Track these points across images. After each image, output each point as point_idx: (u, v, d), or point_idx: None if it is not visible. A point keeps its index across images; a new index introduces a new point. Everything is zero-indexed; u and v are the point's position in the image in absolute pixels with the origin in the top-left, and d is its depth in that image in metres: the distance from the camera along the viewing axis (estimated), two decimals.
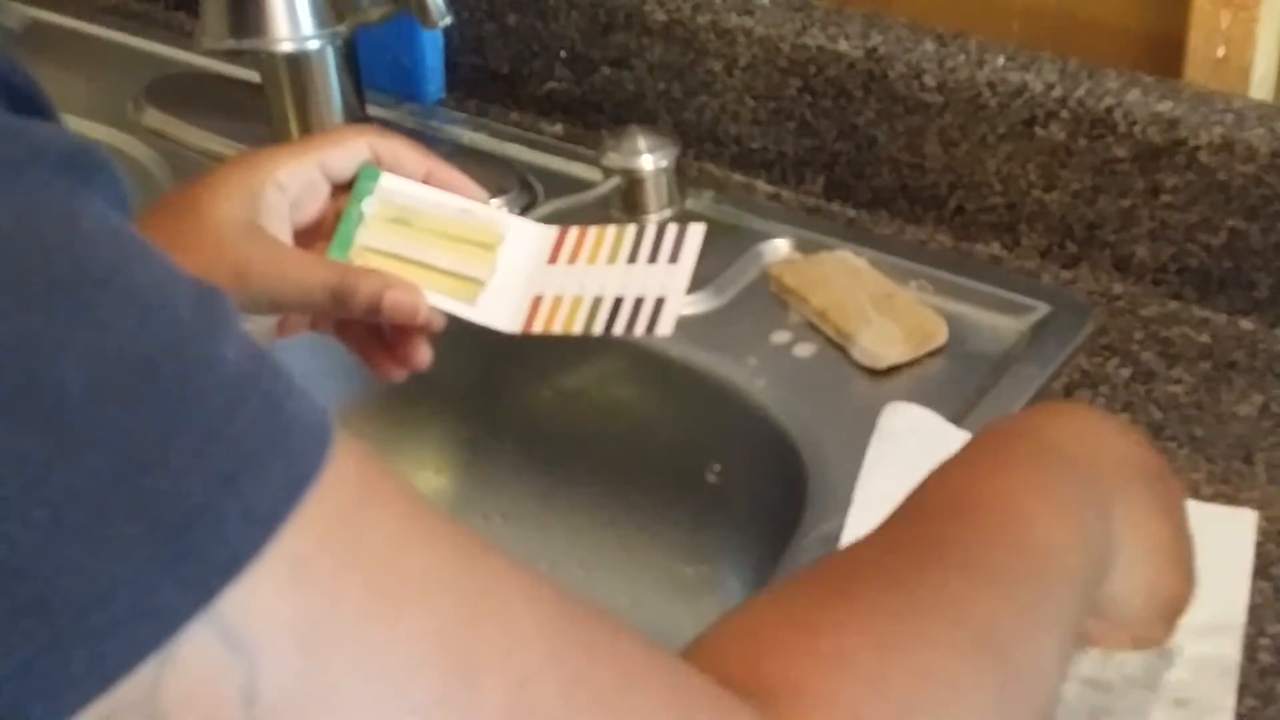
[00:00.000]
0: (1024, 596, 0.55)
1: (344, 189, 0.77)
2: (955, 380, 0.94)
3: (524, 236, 0.77)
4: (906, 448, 0.87)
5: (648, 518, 1.04)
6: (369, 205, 0.76)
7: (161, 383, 0.37)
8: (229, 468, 0.37)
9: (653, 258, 0.75)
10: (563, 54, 1.19)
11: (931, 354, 0.96)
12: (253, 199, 0.74)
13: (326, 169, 0.76)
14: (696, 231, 0.76)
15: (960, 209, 1.06)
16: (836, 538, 0.82)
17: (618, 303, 0.74)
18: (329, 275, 0.73)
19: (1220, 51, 0.98)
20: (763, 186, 1.13)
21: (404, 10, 1.10)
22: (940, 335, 0.96)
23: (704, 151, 1.15)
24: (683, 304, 0.75)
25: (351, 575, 0.40)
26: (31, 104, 0.40)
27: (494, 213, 0.79)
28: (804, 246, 1.05)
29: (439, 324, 0.75)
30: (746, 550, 0.99)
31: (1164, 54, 1.01)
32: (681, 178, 1.09)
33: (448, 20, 1.09)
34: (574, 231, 0.78)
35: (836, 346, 0.97)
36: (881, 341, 0.95)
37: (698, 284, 1.03)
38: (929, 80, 1.03)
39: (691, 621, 1.00)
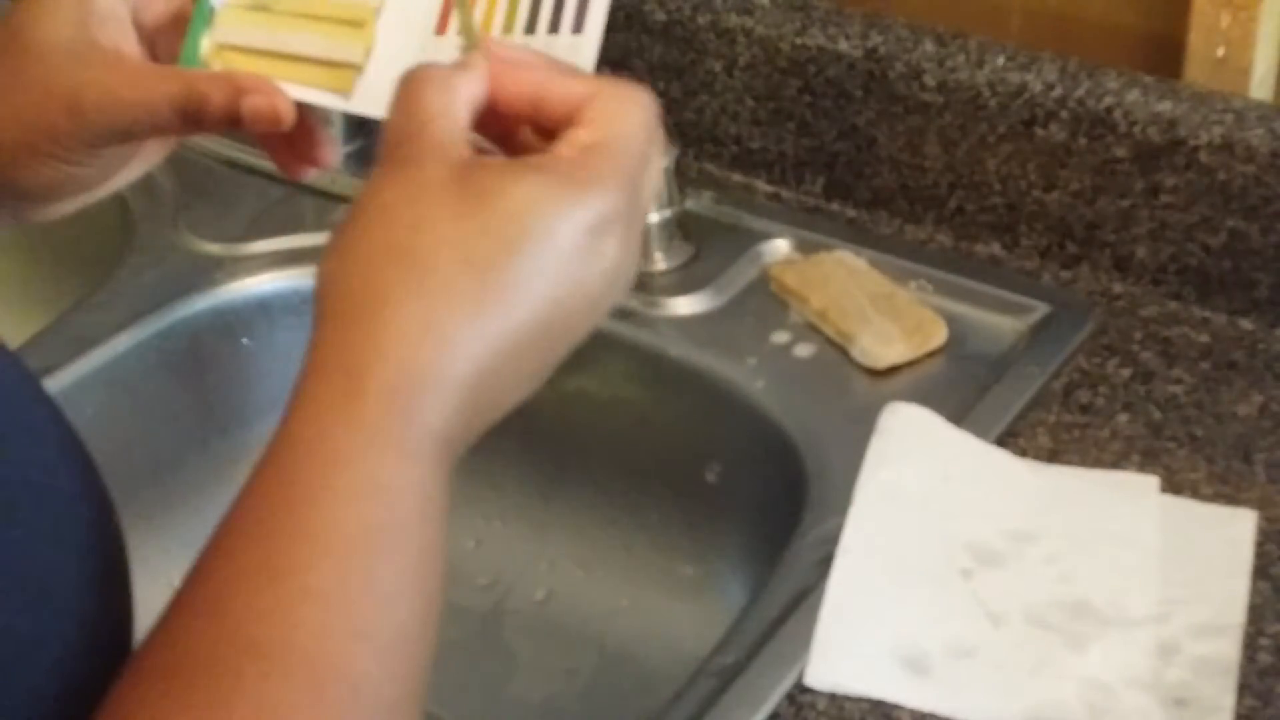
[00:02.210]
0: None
1: None
2: (955, 380, 0.94)
3: (404, 7, 0.65)
4: (907, 448, 0.87)
5: (648, 518, 1.04)
6: None
7: None
8: None
9: (554, 27, 0.66)
10: None
11: (931, 354, 0.96)
12: (82, 12, 0.63)
13: None
14: None
15: (960, 209, 1.06)
16: (836, 538, 0.82)
17: None
18: (173, 88, 0.62)
19: (1220, 51, 0.98)
20: (762, 186, 1.13)
21: None
22: (940, 335, 0.96)
23: (704, 151, 1.15)
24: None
25: None
26: None
27: None
28: (804, 246, 1.05)
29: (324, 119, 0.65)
30: (746, 550, 0.99)
31: (1164, 54, 1.01)
32: (681, 178, 1.09)
33: None
34: None
35: (836, 346, 0.97)
36: (881, 341, 0.95)
37: (698, 284, 1.04)
38: (929, 80, 1.03)
39: (691, 621, 1.01)
